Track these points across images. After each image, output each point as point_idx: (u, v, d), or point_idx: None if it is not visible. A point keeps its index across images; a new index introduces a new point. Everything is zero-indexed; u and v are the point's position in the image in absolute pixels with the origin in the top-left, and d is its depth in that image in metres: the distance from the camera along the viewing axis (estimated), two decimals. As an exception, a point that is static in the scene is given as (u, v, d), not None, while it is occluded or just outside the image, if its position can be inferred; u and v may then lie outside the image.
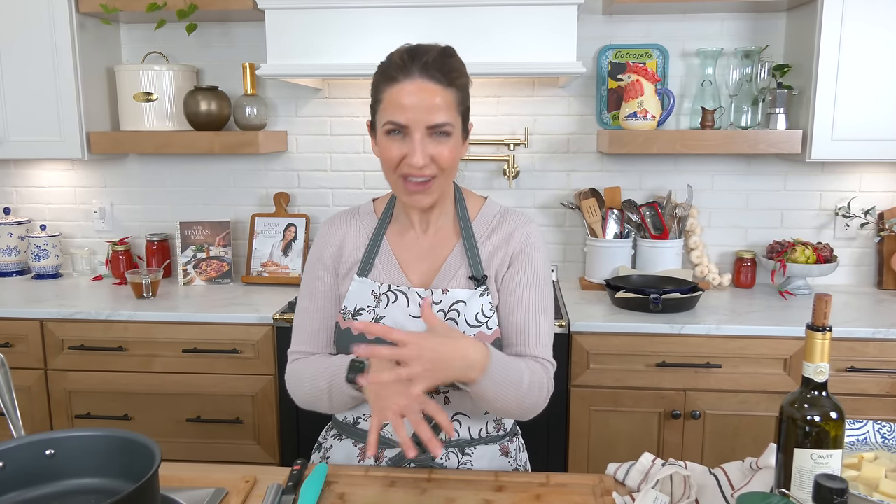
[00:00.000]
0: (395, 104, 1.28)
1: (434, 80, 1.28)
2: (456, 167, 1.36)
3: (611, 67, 2.73)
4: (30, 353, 2.45)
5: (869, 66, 2.35)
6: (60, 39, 2.56)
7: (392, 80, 1.29)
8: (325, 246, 1.48)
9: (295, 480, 1.29)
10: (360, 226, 1.48)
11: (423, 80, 1.28)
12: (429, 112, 1.27)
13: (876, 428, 1.28)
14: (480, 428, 1.42)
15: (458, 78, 1.31)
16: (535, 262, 1.41)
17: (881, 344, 2.19)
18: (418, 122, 1.27)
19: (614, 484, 1.31)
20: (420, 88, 1.27)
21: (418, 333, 1.19)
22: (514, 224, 1.44)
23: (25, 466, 1.11)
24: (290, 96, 2.87)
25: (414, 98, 1.27)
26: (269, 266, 2.82)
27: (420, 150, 1.27)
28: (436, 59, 1.29)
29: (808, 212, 2.79)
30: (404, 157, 1.29)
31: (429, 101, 1.27)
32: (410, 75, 1.28)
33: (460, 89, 1.32)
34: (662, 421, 2.28)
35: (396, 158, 1.30)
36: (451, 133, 1.30)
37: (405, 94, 1.27)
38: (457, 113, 1.31)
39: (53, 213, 3.04)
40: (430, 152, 1.29)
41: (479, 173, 2.85)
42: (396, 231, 1.46)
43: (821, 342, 1.06)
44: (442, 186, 1.35)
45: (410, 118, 1.27)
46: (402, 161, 1.30)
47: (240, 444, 2.44)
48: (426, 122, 1.27)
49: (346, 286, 1.44)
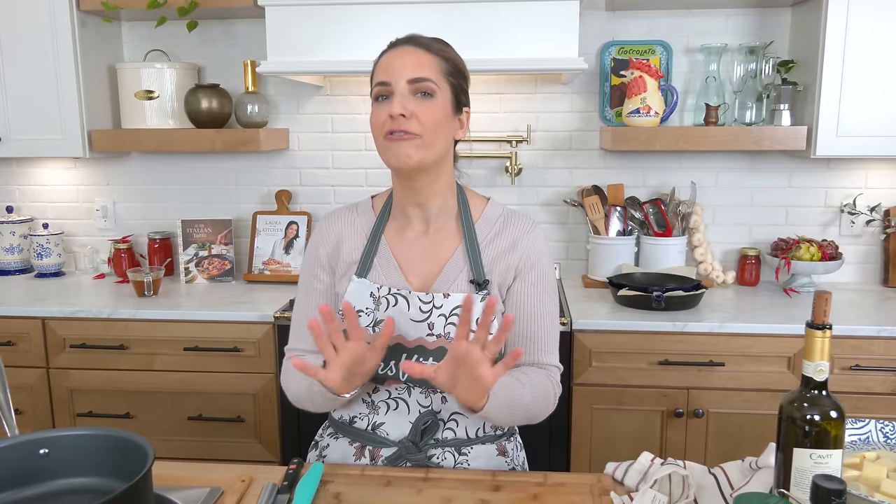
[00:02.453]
0: (382, 68, 1.33)
1: (419, 46, 1.33)
2: (447, 137, 1.35)
3: (614, 64, 2.71)
4: (32, 351, 2.45)
5: (874, 61, 2.33)
6: (62, 38, 2.56)
7: (380, 56, 1.36)
8: (322, 244, 1.47)
9: (290, 480, 1.28)
10: (358, 223, 1.46)
11: (409, 46, 1.34)
12: (412, 67, 1.30)
13: (878, 427, 1.26)
14: (477, 428, 1.40)
15: (444, 50, 1.35)
16: (543, 270, 1.41)
17: (886, 342, 2.17)
18: (398, 76, 1.30)
19: (612, 483, 1.30)
20: (404, 51, 1.33)
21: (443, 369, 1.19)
22: (518, 229, 1.42)
23: (19, 466, 1.11)
24: (292, 94, 2.87)
25: (396, 58, 1.32)
26: (271, 264, 2.81)
27: (398, 100, 1.29)
28: (426, 37, 1.36)
29: (814, 209, 2.76)
30: (388, 116, 1.30)
31: (410, 60, 1.31)
32: (396, 46, 1.35)
33: (447, 60, 1.34)
34: (665, 419, 2.27)
35: (381, 119, 1.31)
36: (435, 93, 1.31)
37: (389, 57, 1.33)
38: (442, 77, 1.32)
39: (56, 212, 3.04)
40: (412, 108, 1.29)
41: (481, 171, 2.84)
42: (395, 230, 1.44)
43: (820, 340, 1.04)
44: (428, 150, 1.31)
45: (391, 74, 1.30)
46: (387, 120, 1.30)
47: (241, 443, 2.44)
48: (407, 76, 1.29)
49: (345, 286, 1.42)
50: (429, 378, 1.18)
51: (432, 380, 1.19)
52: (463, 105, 1.38)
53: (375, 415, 1.40)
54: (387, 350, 1.33)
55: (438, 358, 1.33)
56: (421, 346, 1.34)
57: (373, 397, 1.40)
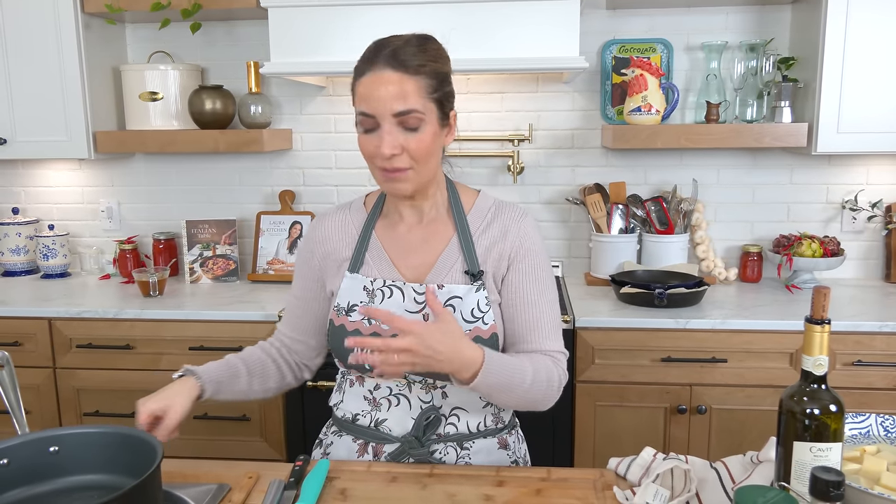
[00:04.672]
0: (362, 96, 1.28)
1: (398, 69, 1.26)
2: (433, 156, 1.33)
3: (615, 62, 2.72)
4: (38, 351, 2.47)
5: (874, 57, 2.34)
6: (66, 40, 2.58)
7: (359, 73, 1.29)
8: (311, 244, 1.49)
9: (297, 476, 1.30)
10: (349, 221, 1.48)
11: (387, 70, 1.25)
12: (393, 100, 1.25)
13: (878, 421, 1.28)
14: (479, 422, 1.42)
15: (425, 65, 1.28)
16: (536, 257, 1.41)
17: (888, 337, 2.18)
18: (383, 111, 1.26)
19: (615, 478, 1.31)
20: (382, 78, 1.25)
21: (422, 324, 1.19)
22: (508, 219, 1.42)
23: (30, 463, 1.13)
24: (295, 94, 2.88)
25: (377, 87, 1.25)
26: (275, 264, 2.83)
27: (388, 139, 1.26)
28: (401, 47, 1.27)
29: (815, 205, 2.77)
30: (376, 151, 1.28)
31: (392, 90, 1.25)
32: (375, 65, 1.26)
33: (430, 76, 1.28)
34: (668, 416, 2.28)
35: (371, 151, 1.29)
36: (422, 121, 1.28)
37: (369, 84, 1.26)
38: (427, 100, 1.28)
39: (61, 213, 3.06)
40: (401, 142, 1.27)
41: (483, 169, 2.85)
42: (385, 225, 1.45)
43: (819, 335, 1.05)
44: (421, 176, 1.32)
45: (375, 108, 1.26)
46: (376, 155, 1.28)
47: (246, 441, 2.45)
48: (391, 111, 1.25)
49: (338, 283, 1.43)
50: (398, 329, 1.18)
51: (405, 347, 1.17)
52: (448, 111, 1.34)
53: (377, 411, 1.41)
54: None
55: None
56: None
57: (374, 394, 1.41)
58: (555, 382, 1.34)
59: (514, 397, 1.29)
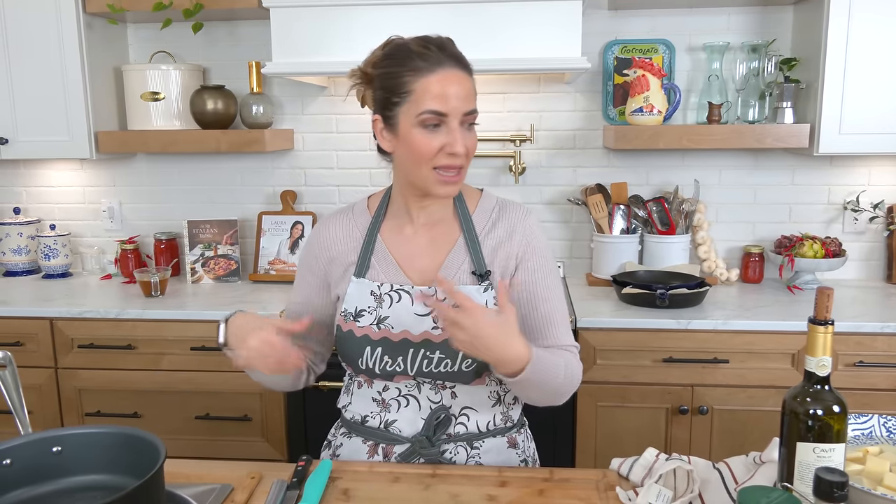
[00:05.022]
0: (435, 95, 1.27)
1: (463, 70, 1.31)
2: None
3: (617, 63, 2.72)
4: (40, 351, 2.47)
5: (877, 58, 2.34)
6: (68, 40, 2.58)
7: (422, 70, 1.28)
8: (314, 249, 1.48)
9: (299, 476, 1.30)
10: (353, 225, 1.47)
11: (456, 70, 1.30)
12: (466, 100, 1.29)
13: (881, 422, 1.28)
14: (488, 421, 1.42)
15: (469, 66, 1.34)
16: (543, 254, 1.43)
17: (890, 338, 2.18)
18: (457, 109, 1.28)
19: (618, 479, 1.31)
20: (456, 77, 1.29)
21: (481, 307, 1.19)
22: (513, 218, 1.44)
23: (33, 463, 1.12)
24: (296, 94, 2.88)
25: (453, 86, 1.28)
26: (277, 264, 2.83)
27: (460, 138, 1.29)
28: (454, 48, 1.32)
29: (817, 206, 2.77)
30: (442, 147, 1.28)
31: (462, 89, 1.29)
32: (443, 64, 1.28)
33: (474, 79, 1.35)
34: (670, 416, 2.28)
35: (435, 149, 1.29)
36: (476, 120, 1.33)
37: (444, 82, 1.27)
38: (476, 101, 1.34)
39: (63, 213, 3.06)
40: (465, 142, 1.30)
41: (485, 170, 2.85)
42: (391, 228, 1.45)
43: (823, 336, 1.05)
44: (465, 176, 1.36)
45: (451, 106, 1.27)
46: (441, 151, 1.29)
47: (248, 442, 2.45)
48: (463, 110, 1.29)
49: (344, 288, 1.43)
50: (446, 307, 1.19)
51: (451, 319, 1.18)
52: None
53: (387, 413, 1.41)
54: (394, 347, 1.35)
55: (444, 350, 1.34)
56: (427, 339, 1.35)
57: (383, 395, 1.41)
58: (577, 376, 1.37)
59: (546, 392, 1.32)
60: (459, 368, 1.35)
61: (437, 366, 1.35)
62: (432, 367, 1.35)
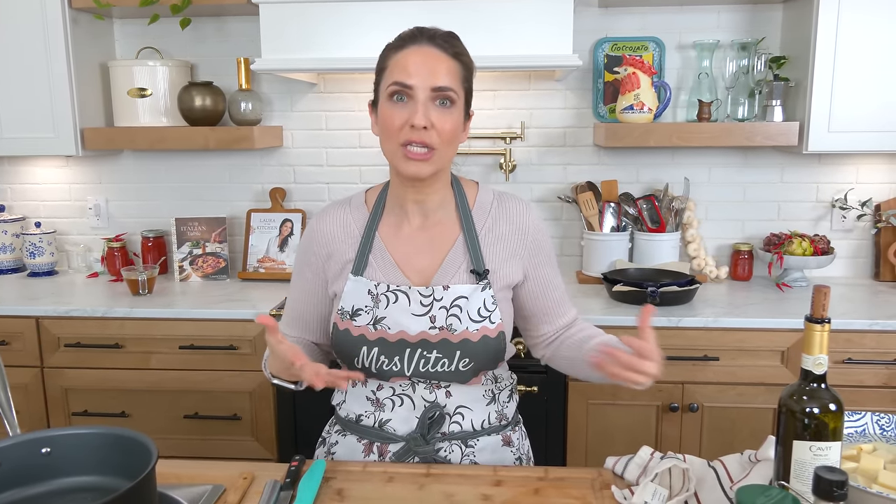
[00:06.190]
0: (401, 67, 1.29)
1: (441, 48, 1.30)
2: (456, 145, 1.35)
3: (607, 60, 2.72)
4: (26, 350, 2.44)
5: (865, 57, 2.35)
6: (53, 35, 2.54)
7: (399, 47, 1.31)
8: (312, 244, 1.46)
9: (293, 476, 1.29)
10: (350, 220, 1.45)
11: (430, 47, 1.30)
12: (434, 74, 1.28)
13: (874, 420, 1.28)
14: (483, 419, 1.41)
15: (461, 53, 1.33)
16: (547, 243, 1.48)
17: (878, 335, 2.20)
18: (423, 83, 1.27)
19: (613, 478, 1.31)
20: (427, 53, 1.29)
21: (651, 347, 1.25)
22: (515, 213, 1.44)
23: (21, 465, 1.10)
24: (285, 91, 2.86)
25: (420, 60, 1.28)
26: (266, 262, 2.81)
27: (421, 109, 1.27)
28: (442, 34, 1.33)
29: (805, 204, 2.79)
30: (406, 122, 1.27)
31: (434, 65, 1.28)
32: (418, 42, 1.30)
33: (463, 66, 1.33)
34: (660, 414, 2.28)
35: (399, 124, 1.28)
36: (455, 102, 1.30)
37: (412, 56, 1.29)
38: (460, 85, 1.32)
39: (48, 210, 3.03)
40: (433, 118, 1.28)
41: (475, 167, 2.85)
42: (389, 225, 1.43)
43: (819, 334, 1.05)
44: (439, 161, 1.32)
45: (415, 79, 1.27)
46: (404, 126, 1.28)
47: (237, 441, 2.44)
48: (431, 84, 1.27)
49: (341, 285, 1.41)
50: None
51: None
52: (469, 107, 1.38)
53: (381, 412, 1.40)
54: (391, 347, 1.34)
55: (441, 350, 1.34)
56: (424, 339, 1.35)
57: (377, 394, 1.40)
58: None
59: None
60: (456, 368, 1.34)
61: (434, 366, 1.35)
62: (429, 367, 1.35)
